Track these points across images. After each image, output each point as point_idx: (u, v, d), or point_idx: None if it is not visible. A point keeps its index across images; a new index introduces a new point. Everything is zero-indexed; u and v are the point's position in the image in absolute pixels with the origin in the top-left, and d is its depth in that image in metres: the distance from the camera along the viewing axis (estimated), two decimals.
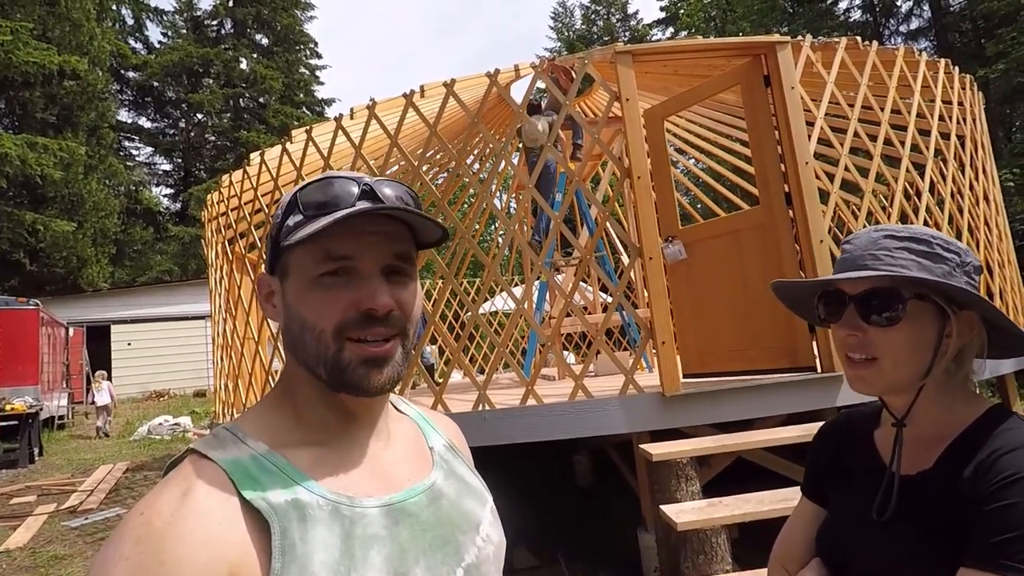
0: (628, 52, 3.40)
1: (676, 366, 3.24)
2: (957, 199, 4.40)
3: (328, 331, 0.62)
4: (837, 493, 0.95)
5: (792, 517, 1.02)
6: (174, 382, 16.58)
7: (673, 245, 3.73)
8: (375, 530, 0.60)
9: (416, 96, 3.96)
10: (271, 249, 0.67)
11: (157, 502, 0.54)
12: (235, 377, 5.18)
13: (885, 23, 16.79)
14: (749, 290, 3.48)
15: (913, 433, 0.85)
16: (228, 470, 0.57)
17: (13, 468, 8.18)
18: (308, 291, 0.63)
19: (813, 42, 3.72)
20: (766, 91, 3.48)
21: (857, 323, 0.83)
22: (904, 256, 0.81)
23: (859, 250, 0.85)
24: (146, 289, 18.02)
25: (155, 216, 25.73)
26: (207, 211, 5.99)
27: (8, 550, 4.63)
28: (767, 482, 2.82)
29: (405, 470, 0.69)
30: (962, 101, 4.69)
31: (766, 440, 2.95)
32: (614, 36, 26.93)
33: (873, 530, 0.84)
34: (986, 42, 12.46)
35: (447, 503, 0.68)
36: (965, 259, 0.82)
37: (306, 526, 0.56)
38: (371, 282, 0.63)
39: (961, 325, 0.82)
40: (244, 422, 0.64)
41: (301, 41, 29.35)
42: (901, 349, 0.81)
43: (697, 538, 2.62)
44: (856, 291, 0.83)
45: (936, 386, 0.83)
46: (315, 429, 0.66)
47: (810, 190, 3.34)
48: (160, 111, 27.49)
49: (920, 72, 4.20)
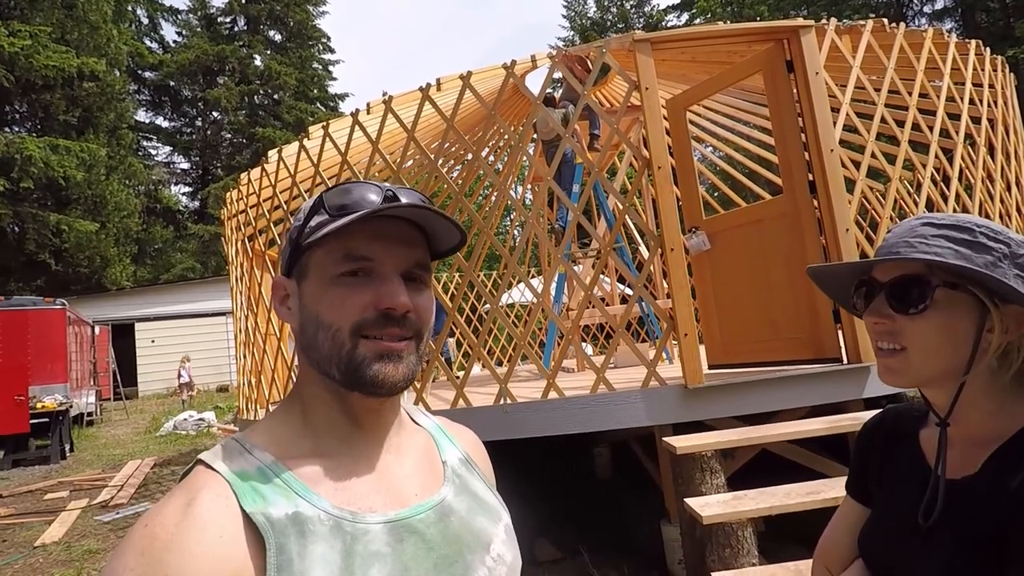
0: (647, 40, 3.34)
1: (698, 358, 3.20)
2: (988, 185, 4.28)
3: (345, 329, 0.62)
4: (881, 494, 0.91)
5: (836, 516, 0.98)
6: (198, 378, 16.85)
7: (696, 236, 3.68)
8: (377, 547, 0.58)
9: (432, 89, 3.94)
10: (290, 251, 0.67)
11: (161, 514, 0.54)
12: (258, 373, 5.25)
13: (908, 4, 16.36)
14: (773, 280, 3.43)
15: (960, 435, 0.81)
16: (231, 482, 0.57)
17: (46, 464, 8.39)
18: (327, 290, 0.63)
19: (838, 25, 3.62)
20: (789, 77, 3.40)
21: (885, 311, 0.79)
22: (940, 244, 0.77)
23: (895, 237, 0.81)
24: (168, 287, 18.34)
25: (175, 215, 26.14)
26: (226, 208, 6.05)
27: (44, 544, 4.76)
28: (792, 475, 2.79)
29: (414, 485, 0.67)
30: (993, 83, 4.54)
31: (792, 433, 2.91)
32: (628, 23, 26.58)
33: (914, 536, 0.80)
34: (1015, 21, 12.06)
35: (456, 521, 0.66)
36: (1017, 250, 0.76)
37: (305, 542, 0.56)
38: (391, 282, 0.64)
39: (1007, 320, 0.76)
40: (253, 432, 0.65)
41: (314, 36, 29.48)
42: (930, 340, 0.76)
43: (723, 531, 2.59)
44: (886, 278, 0.80)
45: (980, 385, 0.78)
46: (323, 437, 0.65)
47: (835, 178, 3.26)
48: (177, 110, 27.84)
49: (950, 54, 4.08)
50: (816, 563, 0.98)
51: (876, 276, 0.82)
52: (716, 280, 3.76)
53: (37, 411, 8.56)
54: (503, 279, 4.31)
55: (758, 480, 2.78)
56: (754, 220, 3.64)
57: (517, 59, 3.85)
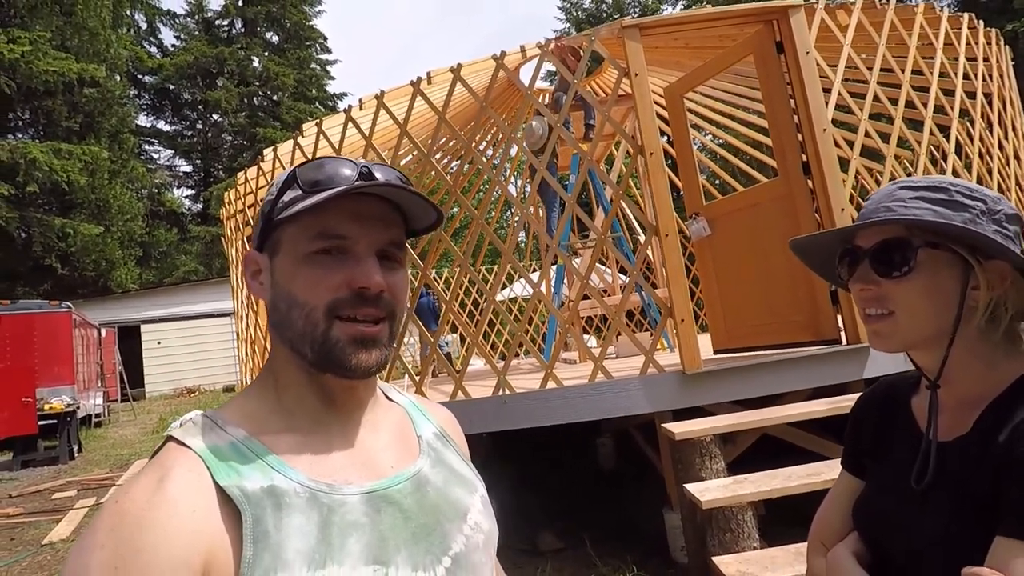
0: (635, 26, 3.32)
1: (696, 344, 3.19)
2: (986, 159, 4.24)
3: (319, 308, 0.62)
4: (875, 465, 0.91)
5: (832, 492, 0.97)
6: (204, 378, 17.04)
7: (697, 222, 3.68)
8: (355, 517, 0.58)
9: (423, 83, 3.93)
10: (262, 226, 0.66)
11: (133, 490, 0.54)
12: (259, 371, 5.28)
13: None
14: (772, 263, 3.42)
15: (951, 396, 0.80)
16: (204, 457, 0.56)
17: (54, 464, 8.47)
18: (300, 268, 0.62)
19: (827, 4, 3.58)
20: (779, 58, 3.37)
21: (871, 277, 0.79)
22: (918, 205, 0.77)
23: (874, 203, 0.81)
24: (173, 289, 18.46)
25: (178, 217, 26.27)
26: (225, 209, 6.08)
27: (52, 542, 4.82)
28: (795, 458, 2.77)
29: (389, 457, 0.67)
30: (988, 57, 4.49)
31: (791, 415, 2.90)
32: (624, 13, 26.41)
33: (909, 501, 0.79)
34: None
35: (433, 491, 0.66)
36: (993, 206, 0.76)
37: (281, 514, 0.55)
38: (366, 262, 0.63)
39: (990, 277, 0.75)
40: (225, 409, 0.64)
41: (311, 37, 29.46)
42: (916, 301, 0.76)
43: (723, 516, 2.59)
44: (869, 244, 0.80)
45: (968, 344, 0.77)
46: (296, 414, 0.64)
47: (829, 158, 3.24)
48: (177, 113, 27.93)
49: (942, 29, 4.03)
50: (812, 539, 0.97)
51: (859, 244, 0.81)
52: (718, 265, 3.76)
53: (45, 412, 8.65)
54: (502, 272, 4.31)
55: (761, 465, 2.77)
56: (751, 204, 3.62)
57: (507, 51, 3.82)
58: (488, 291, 4.26)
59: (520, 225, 4.52)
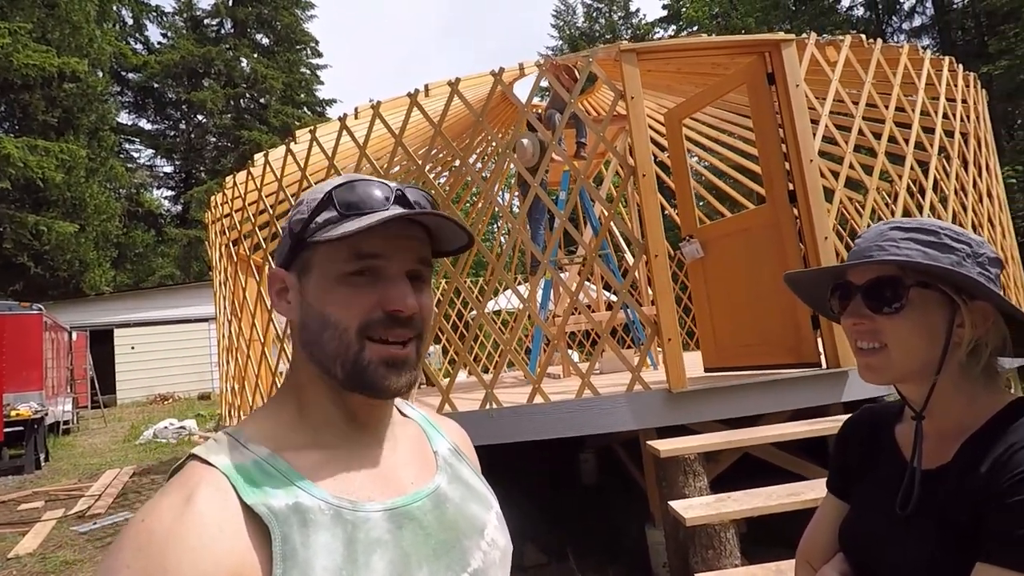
0: (633, 50, 3.40)
1: (682, 363, 3.25)
2: (960, 196, 4.41)
3: (352, 329, 0.63)
4: (859, 489, 0.95)
5: (818, 513, 1.02)
6: (178, 385, 16.60)
7: (690, 244, 3.78)
8: (378, 534, 0.59)
9: (420, 95, 3.97)
10: (291, 244, 0.66)
11: (158, 509, 0.54)
12: (241, 379, 5.20)
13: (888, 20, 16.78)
14: (759, 287, 3.51)
15: (934, 427, 0.85)
16: (229, 475, 0.57)
17: (20, 474, 8.15)
18: (333, 288, 0.63)
19: (818, 40, 3.72)
20: (770, 89, 3.49)
21: (864, 312, 0.84)
22: (909, 246, 0.82)
23: (866, 242, 0.86)
24: (148, 292, 18.02)
25: (156, 219, 25.77)
26: (210, 212, 6.00)
27: (18, 556, 4.63)
28: (770, 477, 2.84)
29: (409, 474, 0.68)
30: (966, 98, 4.69)
31: (773, 436, 2.97)
32: (616, 34, 26.92)
33: (893, 526, 0.84)
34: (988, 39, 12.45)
35: (452, 508, 0.67)
36: (978, 249, 0.82)
37: (308, 531, 0.56)
38: (398, 283, 0.64)
39: (974, 316, 0.81)
40: (246, 426, 0.64)
41: (302, 41, 29.35)
42: (908, 336, 0.81)
43: (706, 533, 2.62)
44: (861, 281, 0.84)
45: (952, 379, 0.82)
46: (319, 431, 0.65)
47: (815, 188, 3.35)
48: (160, 112, 27.50)
49: (924, 70, 4.21)
50: (799, 560, 1.00)
51: (851, 279, 0.86)
52: (710, 286, 3.87)
53: (11, 419, 8.34)
54: (489, 285, 4.33)
55: (740, 483, 2.83)
56: (742, 229, 3.73)
57: (505, 67, 3.89)
58: (477, 303, 4.28)
59: (511, 238, 4.55)
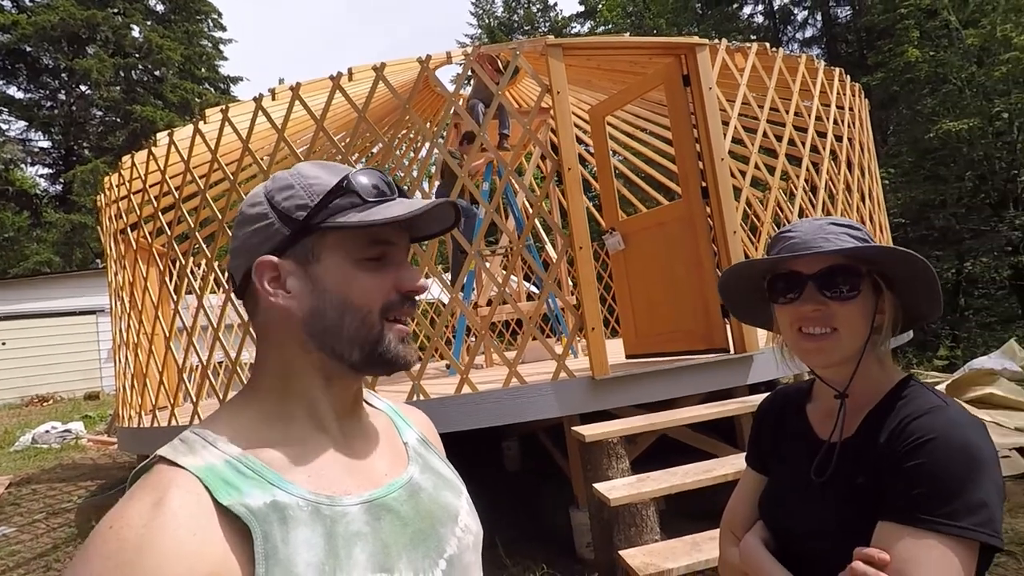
0: (559, 45, 3.47)
1: (605, 351, 3.39)
2: (846, 195, 4.88)
3: (375, 311, 0.65)
4: (776, 463, 1.05)
5: (739, 487, 1.11)
6: (60, 384, 15.00)
7: (613, 236, 3.92)
8: (357, 527, 0.60)
9: (344, 79, 3.83)
10: (293, 231, 0.64)
11: (127, 514, 0.52)
12: (142, 376, 4.81)
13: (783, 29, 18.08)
14: (676, 278, 3.72)
15: (848, 403, 0.95)
16: (202, 477, 0.55)
17: None
18: (354, 273, 0.65)
19: (728, 46, 3.97)
20: (686, 91, 3.68)
21: (819, 298, 0.91)
22: (848, 239, 0.92)
23: (808, 235, 0.94)
24: (22, 282, 16.06)
25: (31, 199, 23.04)
26: (104, 195, 5.47)
27: None
28: (680, 456, 3.04)
29: (382, 466, 0.69)
30: (852, 106, 5.19)
31: (689, 418, 3.17)
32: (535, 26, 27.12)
33: (807, 494, 0.94)
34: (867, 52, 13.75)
35: (426, 497, 0.69)
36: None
37: (287, 528, 0.56)
38: (408, 266, 0.69)
39: (887, 303, 0.93)
40: (213, 425, 0.63)
41: (202, 10, 27.13)
42: (857, 320, 0.91)
43: (628, 512, 2.77)
44: (814, 269, 0.92)
45: (868, 359, 0.93)
46: (295, 425, 0.65)
47: (725, 185, 3.59)
48: (35, 80, 24.47)
49: (819, 78, 4.61)
50: (724, 530, 1.10)
51: (799, 269, 0.93)
52: (631, 277, 4.05)
53: None
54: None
55: (653, 464, 3.01)
56: (659, 222, 3.92)
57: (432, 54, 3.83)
58: None
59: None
